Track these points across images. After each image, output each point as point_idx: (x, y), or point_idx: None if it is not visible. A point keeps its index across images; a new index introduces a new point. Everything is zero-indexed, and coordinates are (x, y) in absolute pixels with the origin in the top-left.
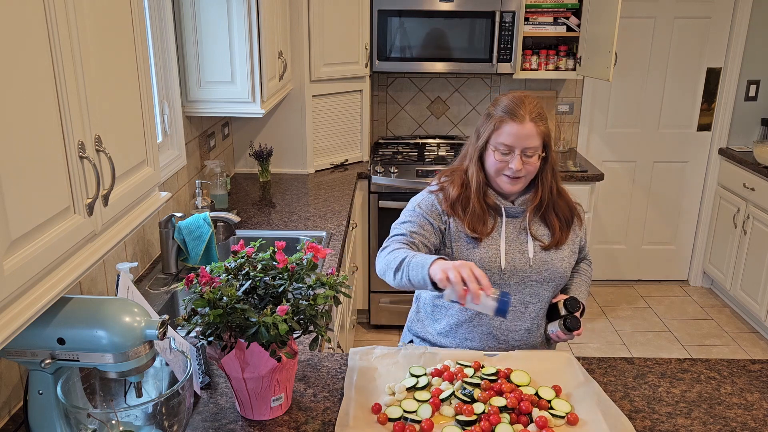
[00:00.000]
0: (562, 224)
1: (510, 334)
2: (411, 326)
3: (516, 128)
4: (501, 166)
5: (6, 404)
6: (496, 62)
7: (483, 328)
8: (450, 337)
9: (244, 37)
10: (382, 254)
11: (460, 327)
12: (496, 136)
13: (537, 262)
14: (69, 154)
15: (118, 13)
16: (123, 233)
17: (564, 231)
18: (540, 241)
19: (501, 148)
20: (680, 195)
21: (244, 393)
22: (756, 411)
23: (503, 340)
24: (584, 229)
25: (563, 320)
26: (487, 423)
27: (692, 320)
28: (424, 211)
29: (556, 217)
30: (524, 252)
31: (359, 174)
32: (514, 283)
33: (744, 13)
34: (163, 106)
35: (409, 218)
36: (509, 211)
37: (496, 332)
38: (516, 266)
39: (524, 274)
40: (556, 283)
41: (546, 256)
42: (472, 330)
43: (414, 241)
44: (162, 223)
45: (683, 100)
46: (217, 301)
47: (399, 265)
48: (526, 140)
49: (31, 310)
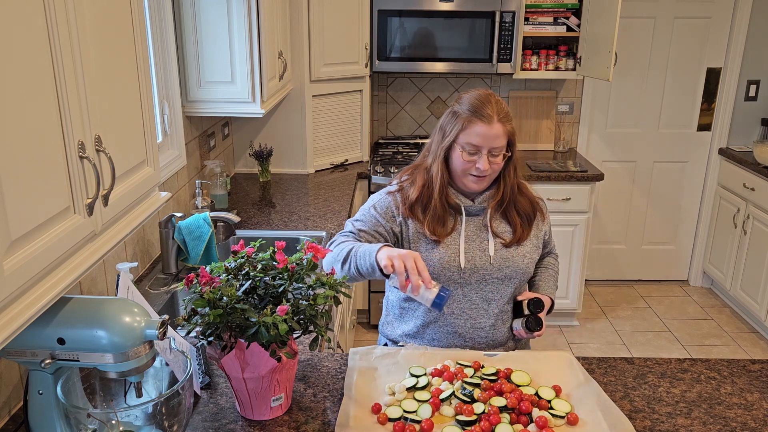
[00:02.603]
0: (523, 221)
1: (475, 331)
2: (381, 329)
3: (484, 129)
4: (468, 166)
5: (6, 404)
6: (496, 62)
7: (448, 327)
8: (417, 338)
9: (244, 37)
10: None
11: (427, 328)
12: (463, 136)
13: (498, 260)
14: (69, 154)
15: (118, 13)
16: (123, 233)
17: (525, 227)
18: (501, 238)
19: (468, 148)
20: (680, 195)
21: (244, 393)
22: (756, 411)
23: (469, 338)
24: (548, 223)
25: (525, 320)
26: (487, 423)
27: (692, 320)
28: (378, 212)
29: (517, 213)
30: (485, 250)
31: (359, 174)
32: (475, 281)
33: (744, 13)
34: (163, 106)
35: (362, 217)
36: (470, 210)
37: (461, 331)
38: (476, 264)
39: (485, 272)
40: (518, 279)
41: (507, 253)
42: (438, 330)
43: (360, 239)
44: (162, 223)
45: (683, 100)
46: (217, 301)
47: (346, 256)
48: (494, 140)
49: (31, 310)
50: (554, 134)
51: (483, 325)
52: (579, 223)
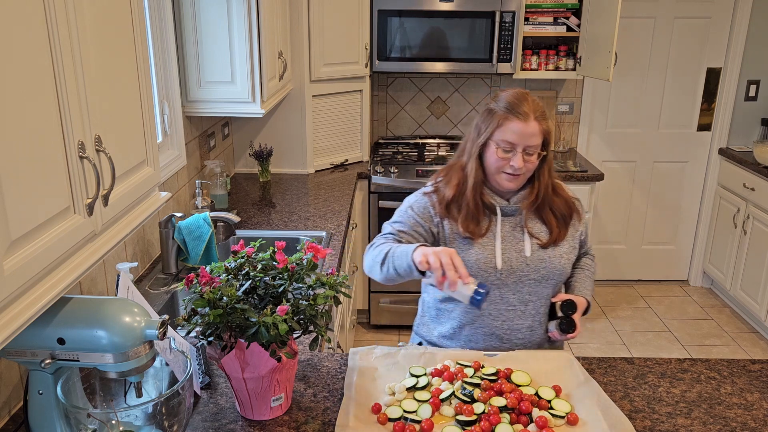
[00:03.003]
0: (559, 221)
1: (512, 333)
2: (417, 329)
3: (521, 126)
4: (502, 164)
5: (6, 404)
6: (496, 62)
7: (485, 329)
8: (454, 339)
9: (244, 37)
10: (368, 251)
11: (463, 329)
12: (499, 133)
13: (534, 261)
14: (69, 154)
15: (118, 13)
16: (123, 233)
17: (562, 228)
18: (537, 238)
19: (503, 145)
20: (680, 195)
21: (244, 393)
22: (756, 411)
23: (506, 340)
24: (584, 223)
25: (559, 322)
26: (487, 423)
27: (692, 320)
28: (416, 213)
29: (552, 214)
30: (521, 251)
31: (359, 174)
32: (511, 283)
33: (744, 13)
34: (163, 106)
35: (400, 218)
36: (505, 210)
37: (498, 332)
38: (512, 265)
39: (521, 273)
40: (555, 280)
41: (544, 254)
42: (474, 331)
43: (401, 240)
44: (162, 223)
45: (683, 100)
46: (217, 301)
47: (384, 257)
48: (530, 139)
49: (31, 310)
50: (554, 134)
51: (520, 326)
52: None
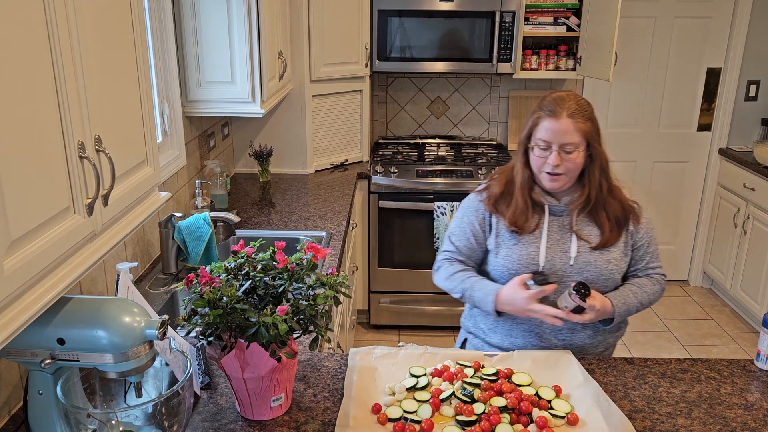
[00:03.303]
0: (612, 224)
1: (553, 333)
2: (464, 321)
3: (551, 123)
4: (540, 162)
5: (6, 404)
6: (496, 62)
7: (525, 325)
8: (497, 333)
9: (244, 37)
10: (439, 275)
11: (505, 323)
12: (535, 132)
13: (579, 263)
14: (69, 154)
15: (118, 13)
16: (123, 233)
17: (614, 231)
18: (587, 241)
19: (540, 143)
20: (680, 195)
21: (244, 393)
22: (756, 411)
23: (546, 339)
24: (645, 232)
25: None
26: (487, 423)
27: (692, 320)
28: (470, 219)
29: (606, 217)
30: (566, 252)
31: (359, 174)
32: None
33: (744, 13)
34: (163, 106)
35: (456, 230)
36: (553, 209)
37: (538, 330)
38: (555, 266)
39: (564, 274)
40: (600, 285)
41: (590, 257)
42: (515, 327)
43: (461, 260)
44: (162, 223)
45: (683, 100)
46: (217, 301)
47: (462, 293)
48: (563, 136)
49: (31, 310)
50: None
51: (561, 328)
52: None
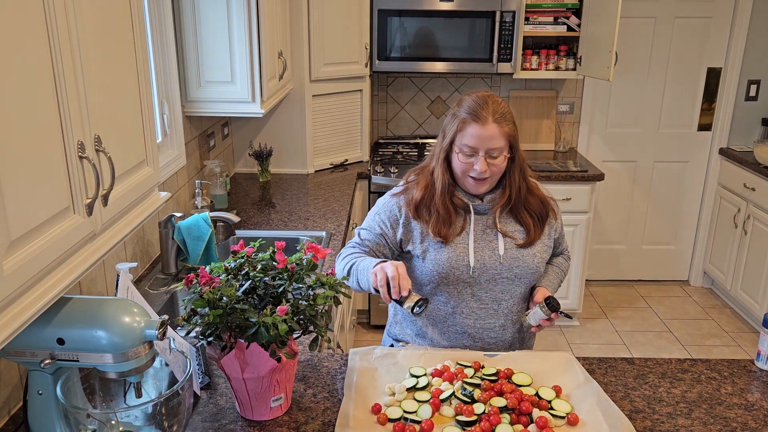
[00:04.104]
0: (535, 221)
1: (484, 332)
2: (390, 329)
3: (478, 130)
4: (466, 168)
5: (6, 404)
6: (496, 62)
7: (457, 327)
8: (426, 338)
9: (244, 37)
10: (338, 260)
11: (435, 327)
12: (460, 137)
13: (508, 259)
14: (68, 154)
15: (117, 14)
16: (123, 233)
17: (538, 227)
18: (512, 238)
19: (465, 149)
20: (680, 195)
21: (244, 393)
22: (756, 411)
23: (478, 338)
24: (560, 222)
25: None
26: (487, 423)
27: (692, 320)
28: (382, 219)
29: (528, 214)
30: (494, 249)
31: (359, 174)
32: (484, 281)
33: (744, 13)
34: (163, 106)
35: (367, 225)
36: (477, 209)
37: (470, 331)
38: (486, 264)
39: (494, 272)
40: (528, 279)
41: (518, 253)
42: (446, 329)
43: (366, 250)
44: (162, 223)
45: (683, 100)
46: (217, 301)
47: (349, 271)
48: (489, 141)
49: (31, 310)
50: (554, 134)
51: (492, 325)
52: (579, 223)
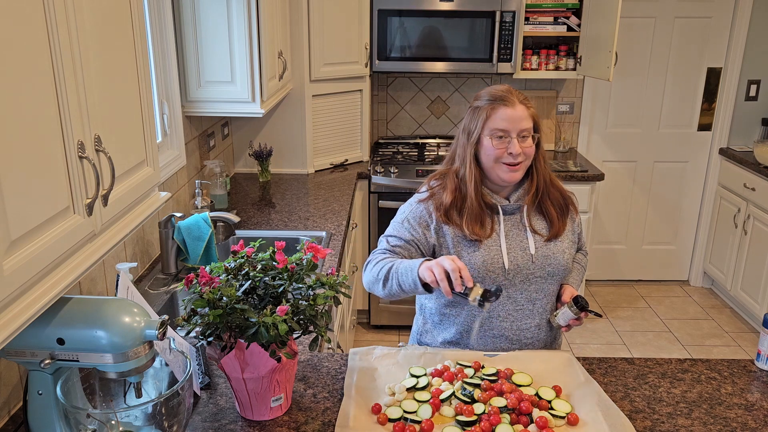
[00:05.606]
0: (558, 213)
1: (521, 332)
2: (420, 338)
3: (509, 111)
4: (499, 153)
5: (6, 404)
6: (496, 62)
7: (494, 330)
8: (461, 345)
9: (244, 37)
10: (367, 268)
11: (471, 332)
12: (490, 123)
13: (539, 258)
14: (68, 154)
15: (117, 13)
16: (123, 233)
17: (561, 220)
18: (540, 234)
19: (497, 133)
20: (680, 195)
21: (244, 393)
22: (756, 411)
23: (515, 340)
24: (580, 217)
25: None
26: (487, 423)
27: (693, 320)
28: (412, 225)
29: (552, 206)
30: (525, 249)
31: (359, 174)
32: (519, 282)
33: (744, 13)
34: (163, 106)
35: (395, 232)
36: (506, 209)
37: (507, 333)
38: (519, 264)
39: (528, 271)
40: (559, 276)
41: (548, 250)
42: (483, 334)
43: (397, 256)
44: (162, 223)
45: (683, 100)
46: (217, 301)
47: (387, 274)
48: (520, 122)
49: (31, 310)
50: (555, 134)
51: (528, 325)
52: None
